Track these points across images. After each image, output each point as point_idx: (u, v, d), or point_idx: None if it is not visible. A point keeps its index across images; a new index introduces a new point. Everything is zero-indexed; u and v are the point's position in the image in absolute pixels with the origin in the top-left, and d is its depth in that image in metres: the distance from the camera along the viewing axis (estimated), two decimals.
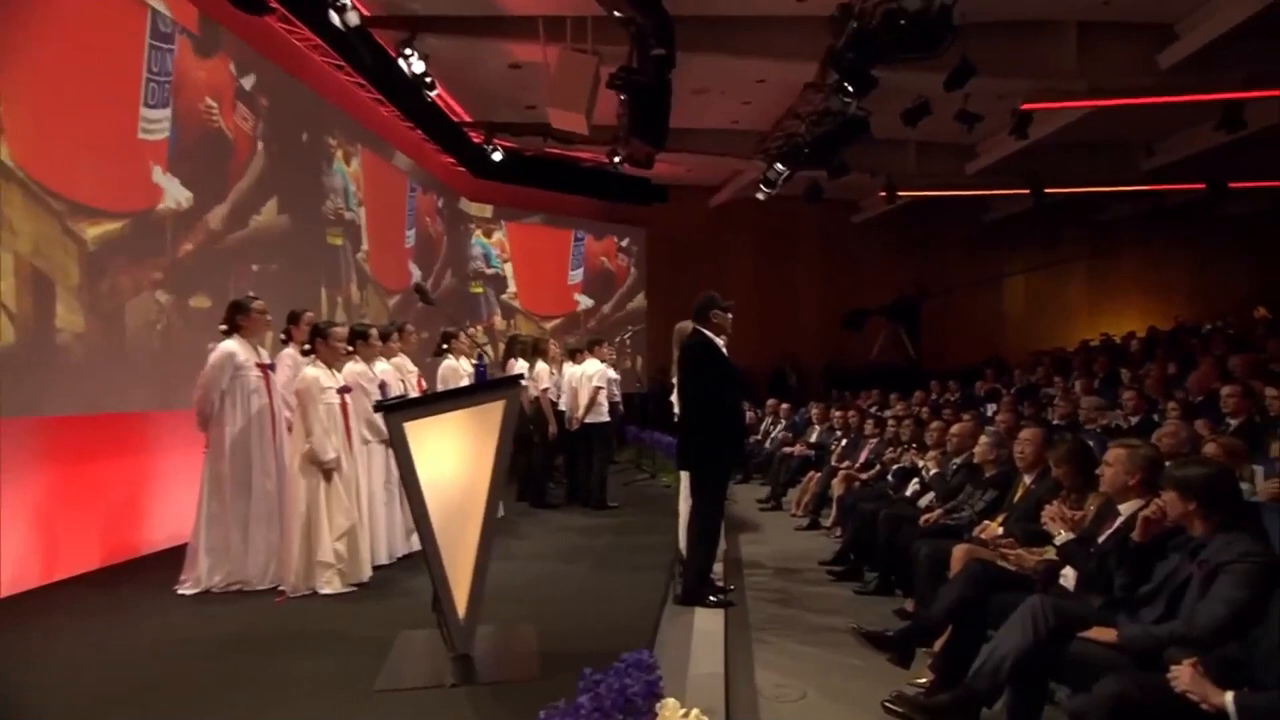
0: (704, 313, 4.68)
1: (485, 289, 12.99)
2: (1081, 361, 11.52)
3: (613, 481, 8.02)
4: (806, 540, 7.21)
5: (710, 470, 4.64)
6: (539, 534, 6.26)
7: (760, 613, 4.92)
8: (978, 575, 3.48)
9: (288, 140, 7.25)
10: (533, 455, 7.45)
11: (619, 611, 4.08)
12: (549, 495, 7.59)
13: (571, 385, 7.50)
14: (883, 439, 7.74)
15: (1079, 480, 3.88)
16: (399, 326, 5.77)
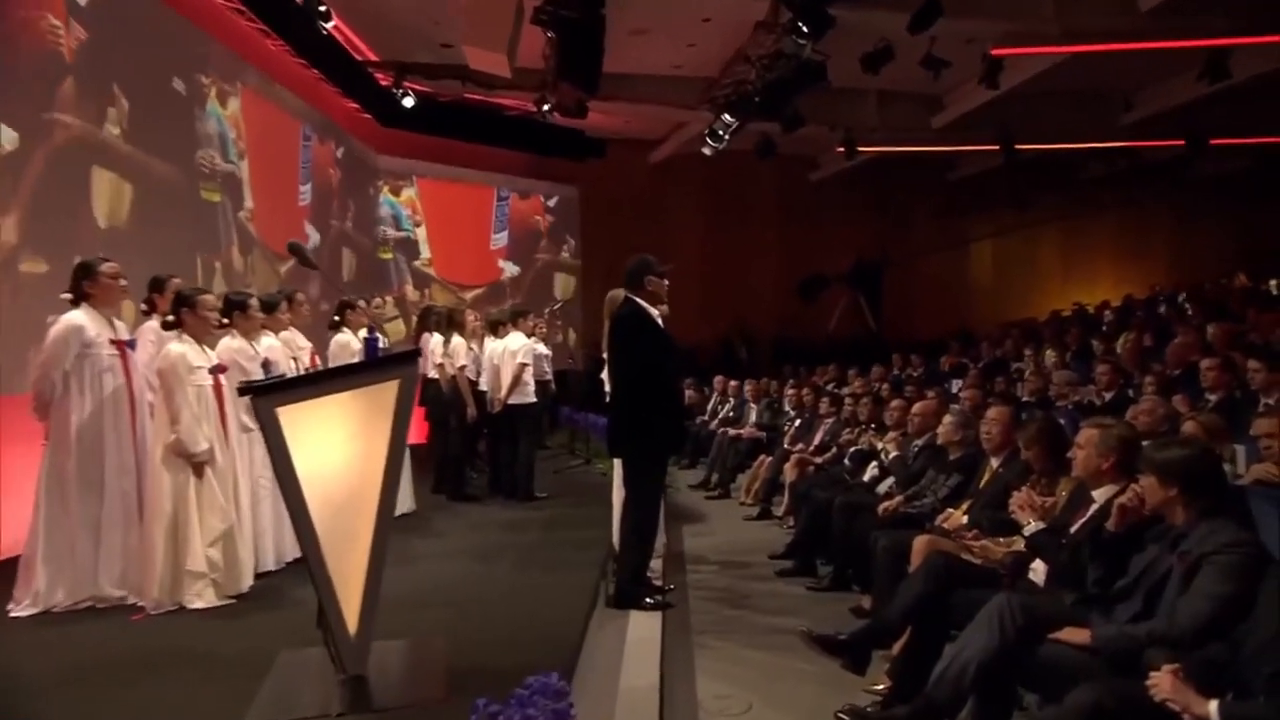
0: (637, 279, 4.60)
1: (395, 255, 12.68)
2: (1053, 333, 11.76)
3: (542, 469, 7.92)
4: (756, 531, 7.23)
5: (645, 457, 4.58)
6: (456, 530, 6.15)
7: (703, 614, 4.90)
8: (939, 570, 3.48)
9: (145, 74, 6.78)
10: (449, 441, 7.29)
11: (543, 618, 4.01)
12: (468, 486, 7.48)
13: (493, 362, 7.37)
14: (839, 419, 7.78)
15: (1050, 463, 3.91)
16: (287, 295, 5.52)
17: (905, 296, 16.32)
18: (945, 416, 5.22)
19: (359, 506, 2.71)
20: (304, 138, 9.88)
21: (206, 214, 7.58)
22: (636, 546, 4.62)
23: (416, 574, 4.84)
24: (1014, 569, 3.48)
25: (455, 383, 7.16)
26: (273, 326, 5.22)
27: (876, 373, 10.68)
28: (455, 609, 4.18)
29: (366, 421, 2.73)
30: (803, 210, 16.06)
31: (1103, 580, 2.92)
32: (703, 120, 11.65)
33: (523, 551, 5.43)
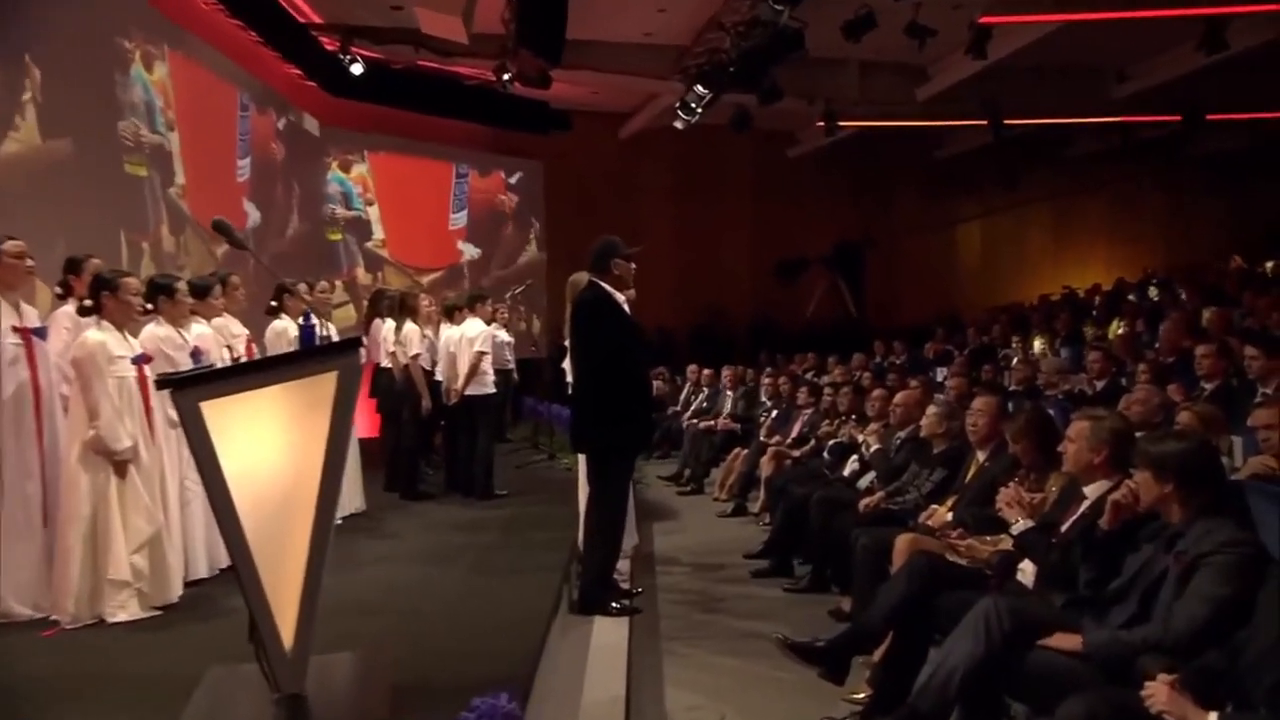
0: (602, 262, 4.57)
1: (344, 235, 12.49)
2: (1041, 318, 11.88)
3: (502, 464, 7.90)
4: (730, 529, 7.25)
5: (610, 452, 4.56)
6: (408, 531, 6.10)
7: (673, 619, 4.90)
8: (922, 571, 3.48)
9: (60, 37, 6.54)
10: (402, 435, 7.23)
11: (502, 626, 3.98)
12: (422, 483, 7.42)
13: (449, 350, 7.30)
14: (818, 410, 7.79)
15: (1039, 457, 3.92)
16: (221, 278, 5.39)
17: (888, 280, 16.39)
18: (929, 407, 5.23)
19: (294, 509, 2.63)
20: (241, 107, 9.65)
21: (131, 190, 7.36)
22: (602, 547, 4.60)
23: (364, 580, 4.78)
24: (1001, 570, 3.49)
25: (408, 372, 7.09)
26: (205, 312, 5.09)
27: (857, 360, 10.75)
28: (405, 617, 4.13)
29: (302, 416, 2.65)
30: (780, 188, 16.05)
31: (1095, 582, 2.92)
32: (674, 92, 11.58)
33: (480, 553, 5.39)
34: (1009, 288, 16.34)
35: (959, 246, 17.40)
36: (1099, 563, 2.93)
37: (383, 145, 12.83)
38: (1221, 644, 2.40)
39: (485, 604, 4.35)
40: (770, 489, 6.97)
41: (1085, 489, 3.32)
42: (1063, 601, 3.00)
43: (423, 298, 7.62)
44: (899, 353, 11.73)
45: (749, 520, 7.44)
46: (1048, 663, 2.68)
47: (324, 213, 12.14)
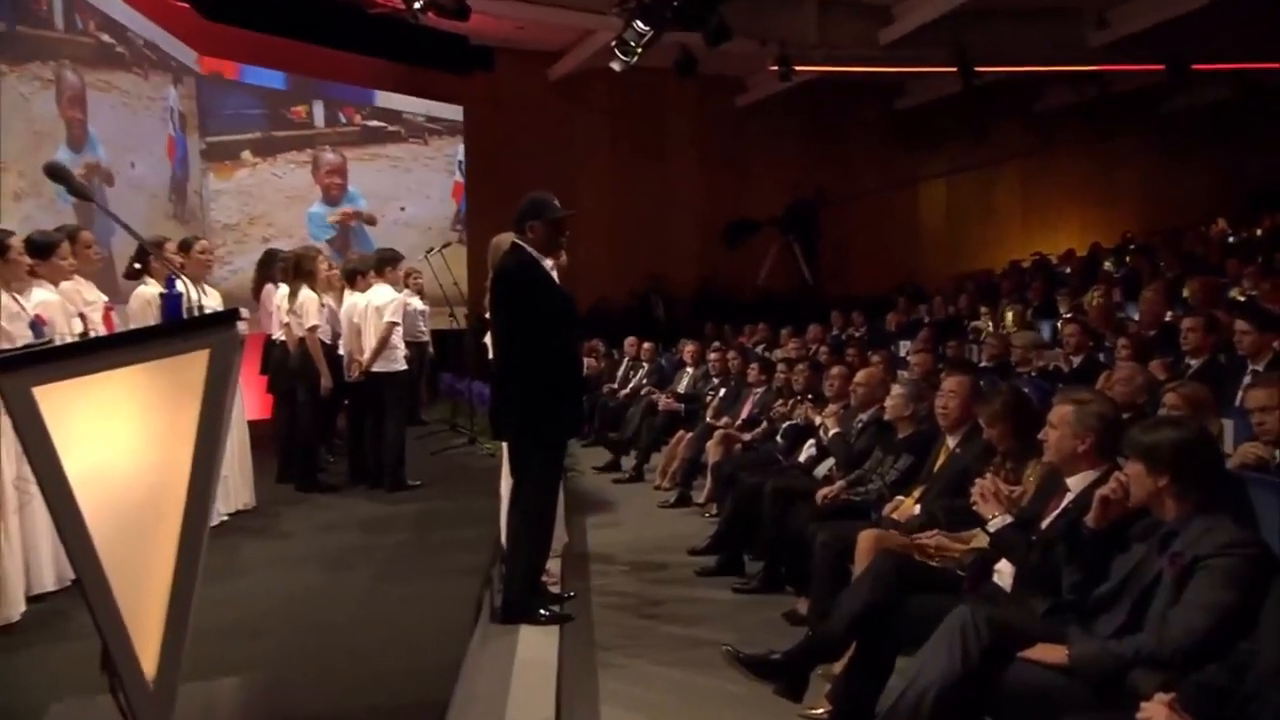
0: (527, 221, 4.47)
1: None
2: (1012, 287, 12.03)
3: (416, 450, 7.76)
4: (673, 521, 7.23)
5: (536, 440, 4.48)
6: (304, 530, 5.94)
7: (609, 627, 4.87)
8: (888, 574, 3.48)
9: None
10: (298, 418, 7.04)
11: (413, 640, 3.89)
12: (322, 473, 7.26)
13: (353, 320, 7.11)
14: (771, 388, 7.76)
15: (1017, 444, 3.94)
16: (69, 233, 5.07)
17: (845, 244, 16.49)
18: (894, 387, 5.24)
19: (158, 513, 2.46)
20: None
21: None
22: (528, 547, 4.55)
23: (249, 590, 4.64)
24: (976, 571, 3.50)
25: (305, 346, 6.87)
26: (50, 275, 4.77)
27: (813, 333, 10.80)
28: (299, 635, 4.00)
29: (166, 403, 2.47)
30: (728, 141, 16.02)
31: (1080, 585, 2.92)
32: (611, 28, 11.39)
33: (389, 555, 5.27)
34: (976, 253, 16.57)
35: (922, 207, 17.57)
36: (1085, 564, 2.92)
37: (274, 82, 12.42)
38: (1222, 657, 2.40)
39: (394, 615, 4.25)
40: (717, 477, 6.94)
41: (1068, 480, 3.33)
42: (1044, 607, 3.00)
43: (321, 259, 7.37)
44: (858, 324, 11.81)
45: (693, 512, 7.42)
46: (1030, 679, 2.67)
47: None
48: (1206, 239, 12.47)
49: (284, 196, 12.64)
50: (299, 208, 12.82)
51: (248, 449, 6.32)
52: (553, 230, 4.48)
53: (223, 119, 11.95)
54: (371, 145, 13.73)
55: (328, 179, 13.19)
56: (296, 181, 12.81)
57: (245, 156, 12.22)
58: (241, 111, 12.24)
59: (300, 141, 12.88)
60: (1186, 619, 2.51)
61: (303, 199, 12.89)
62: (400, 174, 14.08)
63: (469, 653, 3.85)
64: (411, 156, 14.20)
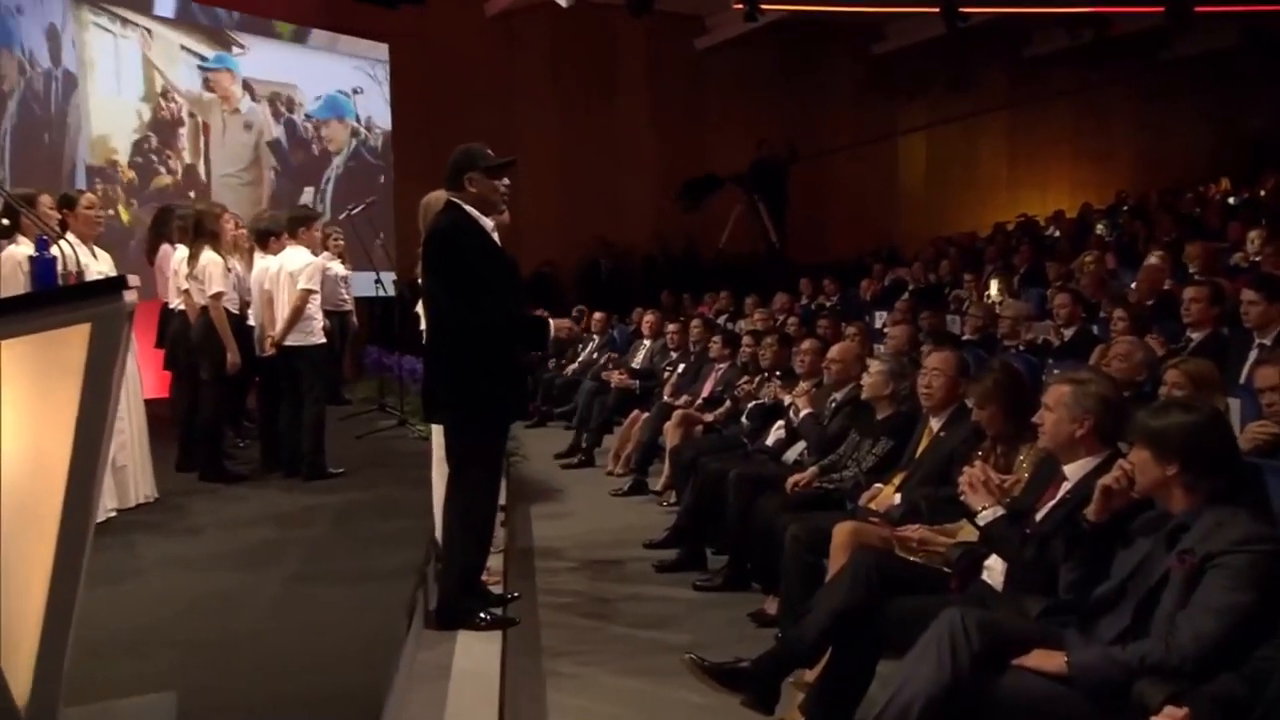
0: (462, 174, 4.41)
1: None
2: (997, 252, 12.14)
3: (338, 434, 7.70)
4: (627, 512, 7.25)
5: (475, 423, 4.44)
6: (211, 526, 5.84)
7: (558, 631, 4.87)
8: (868, 573, 3.50)
9: None
10: (201, 398, 6.95)
11: (336, 650, 3.84)
12: (229, 460, 7.18)
13: (264, 287, 7.00)
14: (735, 364, 7.76)
15: (1009, 427, 3.96)
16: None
17: (816, 203, 16.55)
18: (873, 364, 5.25)
19: (30, 515, 2.37)
20: None
21: None
22: (466, 542, 4.53)
23: (146, 596, 4.55)
24: (964, 568, 3.52)
25: (208, 316, 6.77)
26: None
27: (780, 302, 10.85)
28: (204, 647, 3.92)
29: (37, 387, 2.36)
30: (686, 89, 15.98)
31: (1079, 584, 2.94)
32: None
33: (308, 554, 5.21)
34: (958, 214, 16.70)
35: (900, 164, 17.67)
36: (1084, 561, 2.94)
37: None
38: (1238, 665, 2.41)
39: (315, 622, 4.20)
40: (676, 462, 6.90)
41: (1065, 468, 3.35)
42: (1039, 609, 3.03)
43: (226, 217, 7.22)
44: (830, 293, 11.86)
45: (649, 501, 7.45)
46: (1025, 689, 2.68)
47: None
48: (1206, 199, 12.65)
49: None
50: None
51: (145, 434, 6.21)
52: (492, 183, 4.44)
53: None
54: None
55: None
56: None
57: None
58: None
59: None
60: (1197, 623, 2.51)
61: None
62: None
63: (400, 664, 3.83)
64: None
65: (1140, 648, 2.60)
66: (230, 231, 7.15)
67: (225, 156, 12.81)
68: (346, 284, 9.86)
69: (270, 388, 7.20)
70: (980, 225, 15.75)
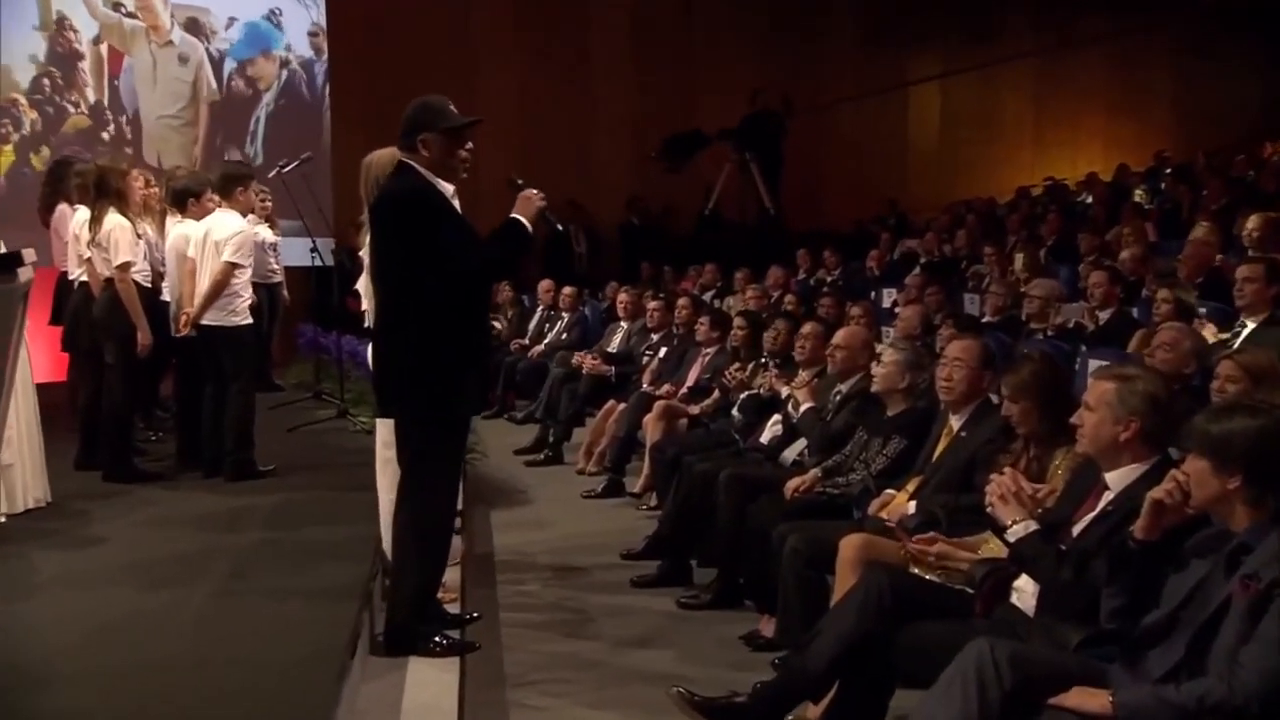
0: (418, 134, 4.39)
1: None
2: (1021, 220, 12.16)
3: (268, 426, 7.69)
4: (601, 516, 7.26)
5: (432, 418, 4.45)
6: (119, 534, 5.80)
7: (523, 656, 4.87)
8: (880, 594, 3.50)
9: None
10: (107, 385, 6.90)
11: (268, 683, 3.83)
12: (139, 457, 7.18)
13: (187, 255, 6.95)
14: (725, 348, 7.75)
15: (1043, 426, 3.96)
16: None
17: (816, 164, 16.56)
18: (886, 351, 5.22)
19: None
20: None
21: None
22: (419, 554, 4.52)
23: (41, 620, 4.54)
24: (990, 590, 3.50)
25: (114, 289, 6.71)
26: None
27: (775, 276, 10.82)
28: (110, 679, 3.87)
29: None
30: (669, 31, 15.96)
31: (1125, 611, 2.93)
32: None
33: (232, 568, 5.17)
34: (977, 176, 16.72)
35: (911, 119, 17.66)
36: (1130, 585, 2.93)
37: None
38: None
39: (242, 649, 4.16)
40: (657, 460, 6.91)
41: (1107, 476, 3.36)
42: (1078, 639, 3.02)
43: (135, 174, 7.15)
44: (831, 266, 11.85)
45: (626, 503, 7.46)
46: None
47: None
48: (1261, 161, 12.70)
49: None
50: None
51: (37, 428, 6.16)
52: (452, 144, 4.41)
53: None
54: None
55: None
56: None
57: None
58: None
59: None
60: (1263, 659, 2.50)
61: None
62: None
63: (342, 698, 3.80)
64: None
65: (1197, 687, 2.59)
66: (139, 191, 7.11)
67: (160, 96, 12.75)
68: (276, 252, 9.79)
69: (188, 372, 7.17)
70: (1002, 190, 15.77)
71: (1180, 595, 2.81)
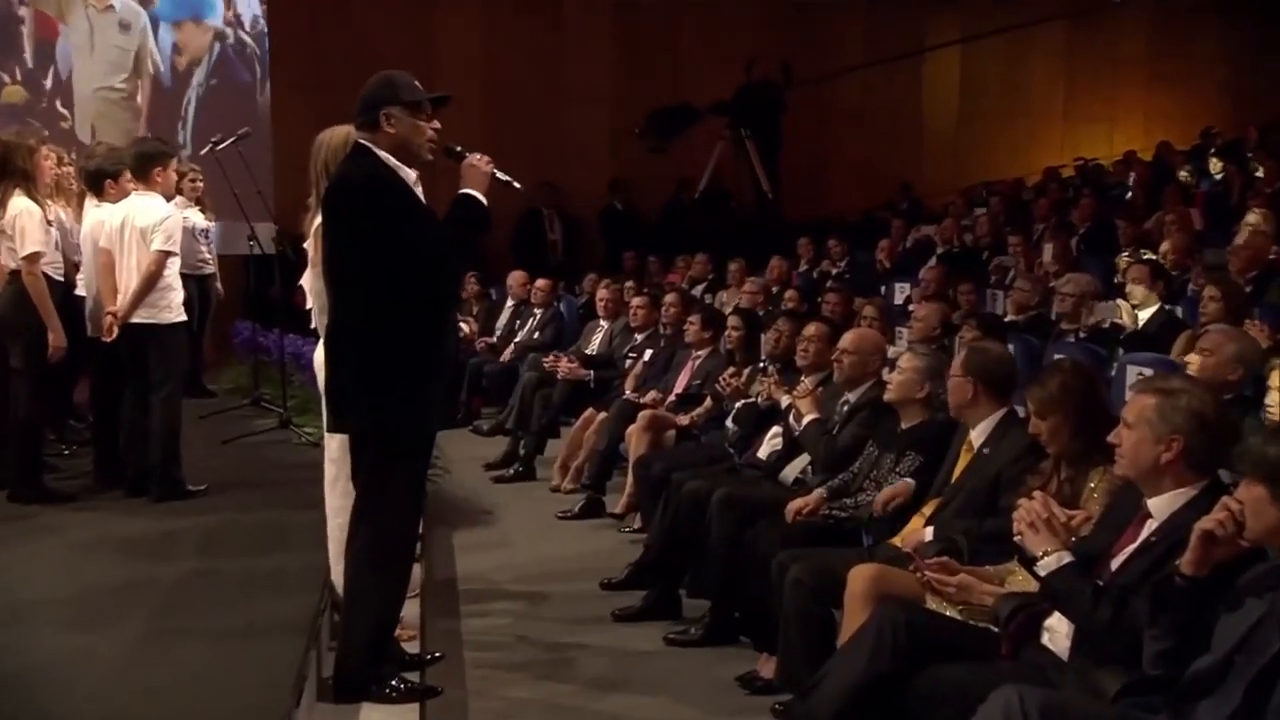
0: (376, 112, 4.39)
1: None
2: (1051, 205, 12.17)
3: (199, 438, 7.76)
4: (578, 540, 7.26)
5: (392, 434, 4.45)
6: (27, 566, 5.79)
7: (490, 702, 4.86)
8: (895, 630, 3.51)
9: None
10: (11, 392, 6.90)
11: None
12: (52, 476, 7.15)
13: (102, 246, 6.92)
14: (718, 350, 7.75)
15: (1076, 443, 3.95)
16: None
17: (819, 142, 16.61)
18: (904, 356, 5.22)
19: None
20: None
21: None
22: (376, 590, 4.52)
23: None
24: (1018, 628, 3.49)
25: (20, 284, 6.69)
26: None
27: (774, 269, 10.81)
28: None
29: None
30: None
31: (1171, 655, 2.93)
32: None
33: (160, 603, 5.16)
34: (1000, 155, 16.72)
35: (926, 91, 17.66)
36: (1177, 626, 2.92)
37: None
38: None
39: (172, 697, 4.15)
40: (642, 477, 6.91)
41: (1149, 502, 3.35)
42: (1118, 686, 3.02)
43: (46, 151, 7.11)
44: (837, 257, 11.85)
45: (607, 525, 7.45)
46: None
47: None
48: None
49: None
50: None
51: None
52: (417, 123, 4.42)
53: None
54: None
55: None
56: None
57: None
58: None
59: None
60: None
61: None
62: None
63: None
64: None
65: None
66: (51, 171, 7.07)
67: (98, 66, 12.76)
68: (208, 239, 9.77)
69: (106, 378, 7.14)
70: (1029, 170, 15.82)
71: (1234, 638, 2.79)
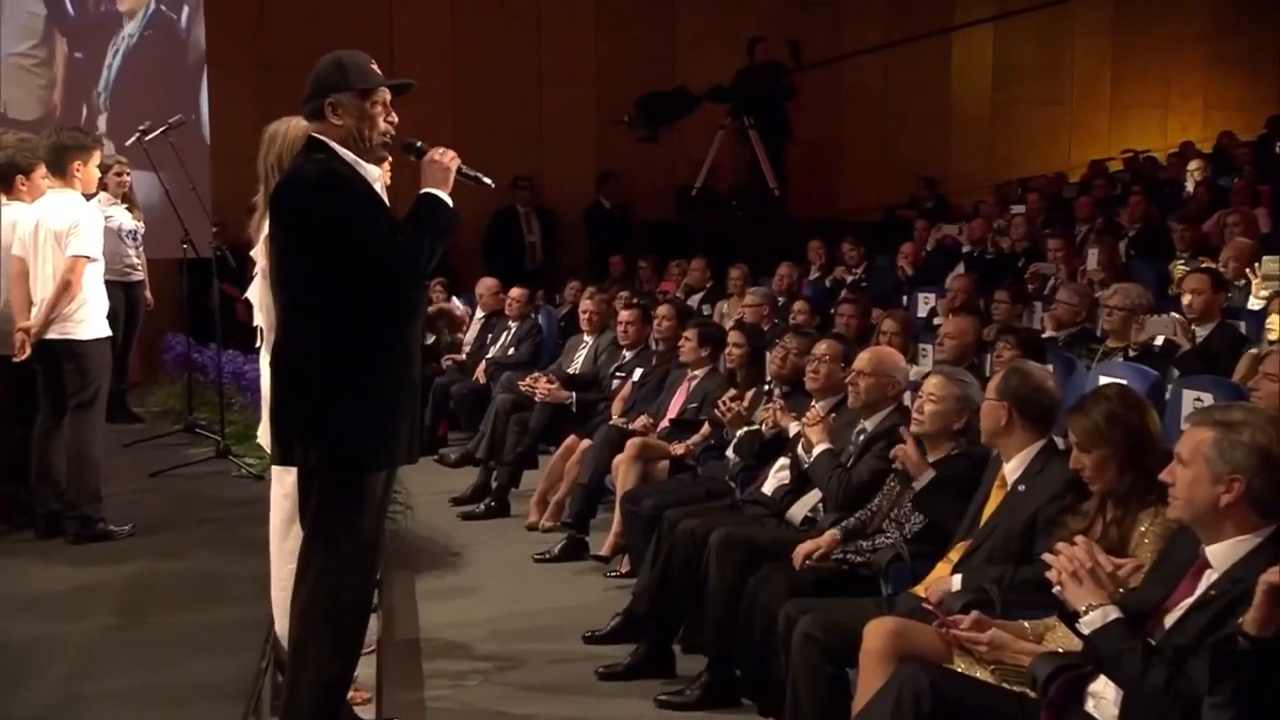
0: (326, 96, 4.40)
1: None
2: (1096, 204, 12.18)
3: (124, 469, 7.79)
4: (558, 586, 7.26)
5: (349, 467, 4.45)
6: None
7: None
8: (917, 693, 3.51)
9: None
10: None
11: None
12: None
13: (12, 253, 7.01)
14: (716, 370, 7.77)
15: (1124, 481, 3.96)
16: None
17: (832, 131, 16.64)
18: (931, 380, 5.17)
19: None
20: None
21: None
22: (326, 643, 4.52)
23: None
24: (1059, 693, 3.48)
25: None
26: None
27: (781, 276, 10.80)
28: None
29: None
30: None
31: None
32: None
33: (78, 662, 5.19)
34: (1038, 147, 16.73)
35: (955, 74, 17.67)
36: (1240, 693, 2.92)
37: None
38: None
39: None
40: (631, 514, 6.90)
41: (1208, 550, 3.34)
42: None
43: None
44: (853, 262, 11.84)
45: (591, 568, 7.46)
46: None
47: None
48: None
49: None
50: None
51: None
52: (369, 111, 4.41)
53: None
54: None
55: None
56: None
57: None
58: None
59: None
60: None
61: None
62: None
63: None
64: None
65: None
66: None
67: (7, 29, 12.82)
68: (136, 242, 9.76)
69: (15, 401, 7.17)
70: (1071, 164, 15.84)
71: None
